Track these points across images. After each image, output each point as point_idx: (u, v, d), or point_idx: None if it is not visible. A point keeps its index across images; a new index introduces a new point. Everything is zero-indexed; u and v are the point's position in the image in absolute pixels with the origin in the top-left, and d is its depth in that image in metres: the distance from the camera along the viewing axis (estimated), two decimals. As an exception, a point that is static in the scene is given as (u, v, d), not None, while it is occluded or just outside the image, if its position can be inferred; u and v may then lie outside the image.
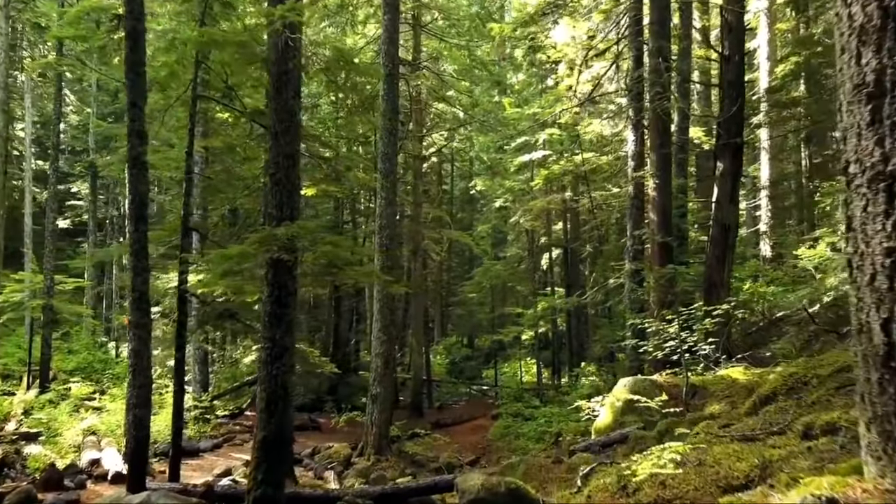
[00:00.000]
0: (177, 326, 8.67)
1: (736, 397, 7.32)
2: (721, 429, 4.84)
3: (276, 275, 6.63)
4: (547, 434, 15.46)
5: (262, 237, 6.25)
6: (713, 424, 5.14)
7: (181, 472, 12.77)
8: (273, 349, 6.64)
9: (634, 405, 8.16)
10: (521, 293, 30.97)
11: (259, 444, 6.50)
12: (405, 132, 18.95)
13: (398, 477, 12.85)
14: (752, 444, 3.76)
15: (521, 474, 7.04)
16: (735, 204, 12.13)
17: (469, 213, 39.63)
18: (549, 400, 19.30)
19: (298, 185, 6.89)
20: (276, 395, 6.59)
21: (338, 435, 16.16)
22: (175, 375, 8.76)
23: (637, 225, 13.08)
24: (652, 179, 12.46)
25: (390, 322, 14.09)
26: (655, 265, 12.19)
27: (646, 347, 9.24)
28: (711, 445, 3.94)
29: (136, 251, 7.99)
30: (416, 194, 21.09)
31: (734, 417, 5.80)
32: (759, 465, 3.17)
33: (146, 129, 8.06)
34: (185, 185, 8.77)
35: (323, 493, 7.93)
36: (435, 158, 29.77)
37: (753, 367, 8.84)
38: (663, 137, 12.61)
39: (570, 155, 20.84)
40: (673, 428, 6.66)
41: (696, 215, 20.35)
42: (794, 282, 20.84)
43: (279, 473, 6.51)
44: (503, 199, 26.27)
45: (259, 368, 6.72)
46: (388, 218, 13.95)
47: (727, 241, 11.85)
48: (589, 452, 7.44)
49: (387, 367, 14.11)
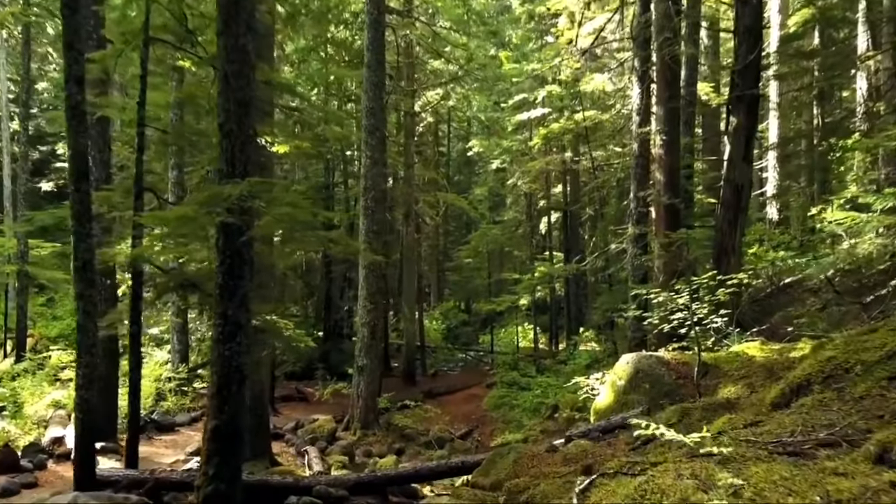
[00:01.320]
0: (131, 298, 7.79)
1: (754, 378, 6.49)
2: (748, 428, 3.98)
3: (227, 241, 5.72)
4: (543, 406, 14.78)
5: (206, 197, 5.33)
6: (737, 420, 4.29)
7: (154, 447, 12.15)
8: (225, 326, 5.78)
9: (639, 385, 7.35)
10: (519, 258, 30.14)
11: (210, 434, 5.68)
12: (393, 87, 17.80)
13: (385, 452, 12.19)
14: (801, 464, 2.91)
15: (510, 465, 6.24)
16: (749, 163, 11.15)
17: (467, 175, 38.55)
18: (546, 368, 18.61)
19: (253, 136, 5.94)
20: (230, 379, 5.75)
21: (325, 406, 15.48)
22: (130, 352, 7.92)
23: (641, 186, 12.11)
24: (658, 136, 11.46)
25: (377, 290, 13.25)
26: (661, 229, 11.27)
27: (650, 319, 8.37)
28: (745, 461, 3.08)
29: (78, 214, 7.06)
30: (408, 154, 20.03)
31: (759, 409, 4.95)
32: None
33: (84, 76, 7.05)
34: (137, 140, 7.79)
35: (293, 482, 7.17)
36: (431, 119, 28.59)
37: (771, 342, 8.00)
38: (671, 89, 11.57)
39: (571, 113, 19.72)
40: (684, 415, 5.84)
41: (703, 176, 19.39)
42: (803, 246, 20.02)
43: (233, 467, 5.71)
44: (500, 161, 25.20)
45: (210, 349, 5.86)
46: (373, 178, 13.00)
47: (739, 204, 10.90)
48: (587, 439, 6.65)
49: (374, 336, 13.32)
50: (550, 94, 20.33)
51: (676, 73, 11.84)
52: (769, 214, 22.27)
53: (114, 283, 11.30)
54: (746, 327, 9.31)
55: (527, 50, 24.13)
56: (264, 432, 10.39)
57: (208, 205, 5.32)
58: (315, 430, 12.72)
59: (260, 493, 7.23)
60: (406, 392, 18.45)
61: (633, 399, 7.29)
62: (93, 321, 7.18)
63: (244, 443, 5.89)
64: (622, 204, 17.75)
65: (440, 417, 15.09)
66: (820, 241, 18.00)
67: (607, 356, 17.24)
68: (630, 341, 11.73)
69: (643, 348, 11.52)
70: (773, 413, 4.47)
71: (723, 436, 3.95)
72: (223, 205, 5.43)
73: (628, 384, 7.44)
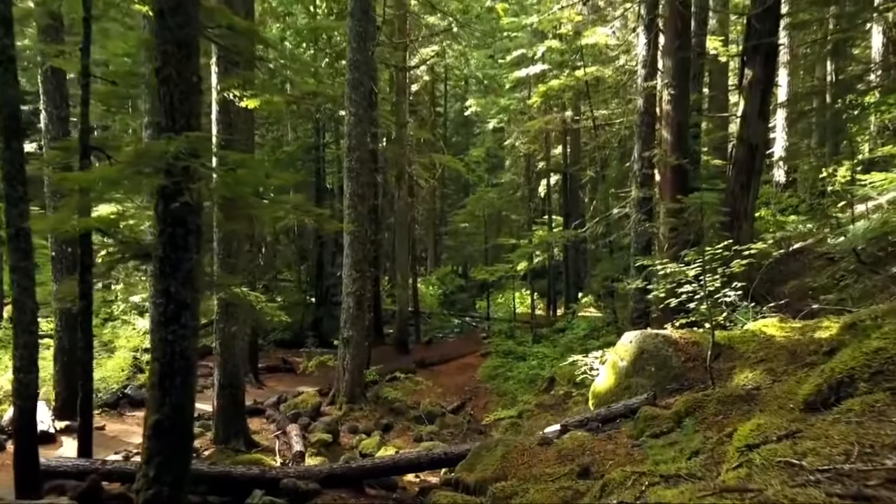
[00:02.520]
0: (80, 270, 6.98)
1: (775, 363, 5.73)
2: (785, 440, 3.20)
3: (167, 207, 4.87)
4: (539, 378, 14.12)
5: (135, 155, 4.48)
6: (768, 427, 3.50)
7: (127, 424, 11.51)
8: (167, 306, 4.97)
9: (643, 367, 6.60)
10: (517, 222, 29.28)
11: (150, 430, 4.93)
12: (382, 40, 16.69)
13: (372, 428, 11.55)
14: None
15: (497, 460, 5.52)
16: (765, 119, 10.26)
17: (464, 136, 37.40)
18: (543, 337, 17.94)
19: (198, 84, 5.04)
20: (173, 366, 4.97)
21: (312, 378, 14.81)
22: (80, 330, 7.13)
23: (646, 145, 11.19)
24: (666, 90, 10.51)
25: (362, 257, 12.44)
26: (667, 193, 10.42)
27: (656, 292, 7.57)
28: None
29: (10, 175, 6.20)
30: (400, 113, 18.99)
31: (788, 407, 4.19)
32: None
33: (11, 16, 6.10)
34: (82, 92, 6.88)
35: (258, 473, 6.48)
36: (427, 77, 27.39)
37: (791, 318, 7.23)
38: (681, 38, 10.57)
39: (571, 69, 18.61)
40: (696, 407, 5.09)
41: (709, 136, 18.43)
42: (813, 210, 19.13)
43: (179, 468, 4.98)
44: (497, 120, 24.12)
45: (151, 332, 5.07)
46: (358, 137, 12.07)
47: (753, 165, 10.03)
48: (585, 429, 5.92)
49: (360, 307, 12.56)
50: (550, 49, 19.21)
51: (687, 21, 10.82)
52: (776, 177, 21.36)
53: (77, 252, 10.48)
54: (758, 300, 8.54)
55: (525, 2, 22.88)
56: (239, 411, 9.70)
57: (138, 164, 4.48)
58: (298, 405, 12.05)
59: (222, 486, 6.55)
60: (398, 361, 17.80)
61: (637, 383, 6.55)
62: (30, 296, 6.38)
63: (191, 439, 5.15)
64: (624, 166, 16.84)
65: (432, 390, 14.44)
66: (831, 204, 17.16)
67: (606, 325, 16.55)
68: (632, 313, 10.98)
69: (646, 321, 10.78)
70: (811, 417, 3.69)
71: (753, 452, 3.18)
72: (158, 165, 4.57)
73: (631, 366, 6.69)
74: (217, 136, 9.27)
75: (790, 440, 3.23)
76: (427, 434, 11.50)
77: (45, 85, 10.11)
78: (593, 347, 14.22)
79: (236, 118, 9.32)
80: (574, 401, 11.02)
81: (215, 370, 9.54)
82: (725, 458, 3.51)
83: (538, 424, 10.72)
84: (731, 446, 3.53)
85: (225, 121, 9.14)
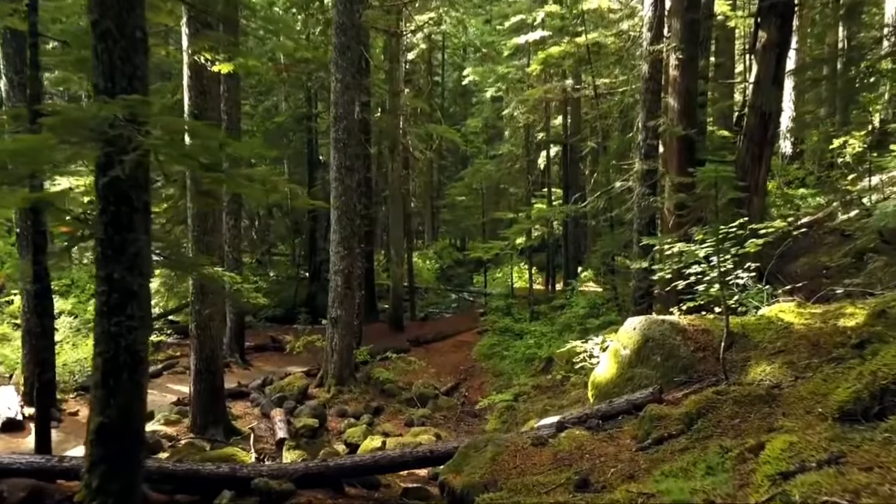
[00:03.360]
0: (32, 251, 6.39)
1: (796, 355, 5.15)
2: (828, 468, 2.64)
3: (110, 183, 4.25)
4: (536, 358, 13.62)
5: (61, 121, 3.85)
6: (802, 447, 2.93)
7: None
8: (111, 294, 4.38)
9: (648, 357, 6.03)
10: (516, 195, 28.56)
11: (94, 434, 4.37)
12: (370, 2, 15.85)
13: (361, 412, 11.07)
14: None
15: (487, 463, 4.98)
16: (779, 86, 9.55)
17: (463, 106, 36.49)
18: (541, 314, 17.41)
19: (143, 41, 4.38)
20: (118, 362, 4.40)
21: (301, 358, 14.30)
22: (37, 315, 6.57)
23: (651, 114, 10.49)
24: (673, 54, 9.78)
25: (351, 233, 11.83)
26: (674, 165, 9.76)
27: (661, 273, 6.95)
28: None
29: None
30: (393, 81, 18.19)
31: (817, 413, 3.62)
32: None
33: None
34: (29, 54, 6.20)
35: (228, 472, 5.96)
36: (424, 45, 26.44)
37: (809, 303, 6.64)
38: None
39: (572, 36, 17.76)
40: (710, 408, 4.53)
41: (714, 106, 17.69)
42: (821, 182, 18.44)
43: (127, 477, 4.43)
44: (495, 89, 23.28)
45: (94, 323, 4.49)
46: (345, 106, 11.38)
47: (766, 135, 9.36)
48: (584, 427, 5.37)
49: (348, 285, 11.99)
50: (550, 15, 18.34)
51: (698, -22, 10.05)
52: (783, 148, 20.65)
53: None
54: (770, 281, 7.94)
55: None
56: (218, 396, 9.19)
57: (65, 132, 3.84)
58: (284, 388, 11.55)
59: (190, 485, 6.04)
60: (392, 339, 17.31)
61: (641, 373, 5.99)
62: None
63: (142, 443, 4.60)
64: (626, 137, 16.12)
65: (425, 370, 13.94)
66: (841, 176, 16.51)
67: (607, 302, 16.00)
68: (634, 292, 10.39)
69: (648, 300, 10.22)
70: (852, 433, 3.11)
71: (788, 483, 2.61)
72: (90, 133, 3.94)
73: (635, 355, 6.12)
74: (189, 104, 8.61)
75: (833, 468, 2.66)
76: (419, 418, 11.02)
77: (3, 49, 9.41)
78: (593, 327, 13.68)
79: (210, 84, 8.63)
80: (572, 383, 10.51)
81: (191, 354, 9.01)
82: (751, 483, 2.94)
83: (534, 409, 10.22)
84: (758, 469, 2.96)
85: (197, 87, 8.45)
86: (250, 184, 4.60)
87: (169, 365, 13.13)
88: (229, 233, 13.83)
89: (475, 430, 10.74)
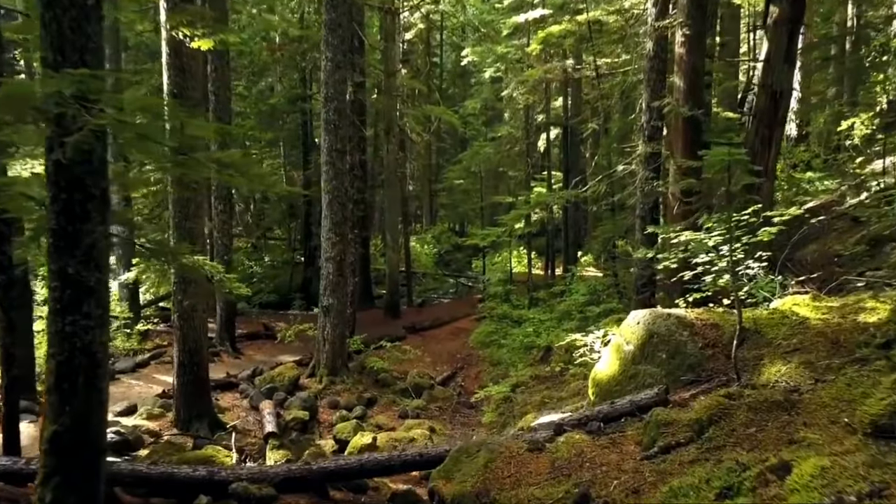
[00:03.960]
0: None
1: (814, 354, 4.77)
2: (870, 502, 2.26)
3: (60, 167, 3.83)
4: (535, 347, 13.25)
5: (6, 97, 3.42)
6: (835, 474, 2.56)
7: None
8: (64, 290, 3.98)
9: (653, 353, 5.65)
10: (515, 179, 28.07)
11: (47, 444, 4.00)
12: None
13: (354, 403, 10.73)
14: None
15: (479, 470, 4.61)
16: (791, 64, 9.09)
17: (462, 88, 35.86)
18: (540, 300, 17.04)
19: (96, 8, 3.93)
20: (73, 365, 4.02)
21: (294, 346, 13.94)
22: (2, 309, 6.16)
23: (656, 94, 10.01)
24: (680, 29, 9.29)
25: (342, 218, 11.42)
26: (679, 147, 9.32)
27: (666, 262, 6.53)
28: None
29: None
30: (388, 61, 17.64)
31: (850, 432, 3.23)
32: None
33: None
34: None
35: (205, 475, 5.60)
36: (422, 25, 25.82)
37: (818, 292, 6.25)
38: (699, -29, 9.31)
39: (573, 14, 17.20)
40: (723, 415, 4.14)
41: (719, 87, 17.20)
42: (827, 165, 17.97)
43: (86, 490, 4.06)
44: (494, 69, 22.72)
45: (47, 322, 4.09)
46: (335, 86, 10.90)
47: (777, 115, 8.91)
48: (584, 431, 5.00)
49: (341, 273, 11.61)
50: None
51: (705, -51, 9.53)
52: (788, 130, 20.17)
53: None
54: (781, 271, 7.55)
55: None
56: (203, 389, 8.82)
57: (7, 109, 3.42)
58: (275, 379, 11.19)
59: (166, 488, 5.69)
60: (387, 326, 16.95)
61: (645, 371, 5.61)
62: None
63: (102, 453, 4.22)
64: (629, 118, 15.64)
65: (421, 359, 13.60)
66: (849, 159, 16.06)
67: (607, 288, 15.63)
68: (636, 280, 10.00)
69: (651, 289, 9.83)
70: (892, 454, 2.73)
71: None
72: (35, 113, 3.51)
73: (639, 351, 5.74)
74: (168, 83, 8.16)
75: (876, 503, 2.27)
76: (413, 409, 10.68)
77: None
78: (593, 315, 13.31)
79: (190, 62, 8.17)
80: (571, 374, 10.15)
81: (174, 346, 8.64)
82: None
83: (532, 401, 9.87)
84: (786, 499, 2.57)
85: (176, 65, 7.99)
86: (222, 169, 4.17)
87: (157, 354, 12.76)
88: (218, 217, 13.41)
89: (471, 422, 10.41)
